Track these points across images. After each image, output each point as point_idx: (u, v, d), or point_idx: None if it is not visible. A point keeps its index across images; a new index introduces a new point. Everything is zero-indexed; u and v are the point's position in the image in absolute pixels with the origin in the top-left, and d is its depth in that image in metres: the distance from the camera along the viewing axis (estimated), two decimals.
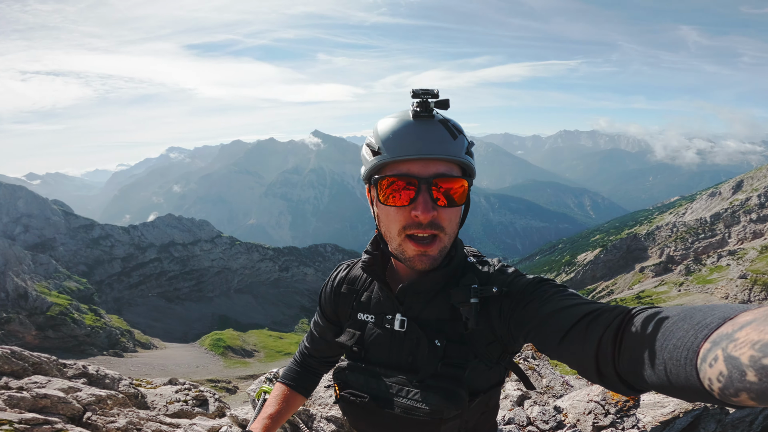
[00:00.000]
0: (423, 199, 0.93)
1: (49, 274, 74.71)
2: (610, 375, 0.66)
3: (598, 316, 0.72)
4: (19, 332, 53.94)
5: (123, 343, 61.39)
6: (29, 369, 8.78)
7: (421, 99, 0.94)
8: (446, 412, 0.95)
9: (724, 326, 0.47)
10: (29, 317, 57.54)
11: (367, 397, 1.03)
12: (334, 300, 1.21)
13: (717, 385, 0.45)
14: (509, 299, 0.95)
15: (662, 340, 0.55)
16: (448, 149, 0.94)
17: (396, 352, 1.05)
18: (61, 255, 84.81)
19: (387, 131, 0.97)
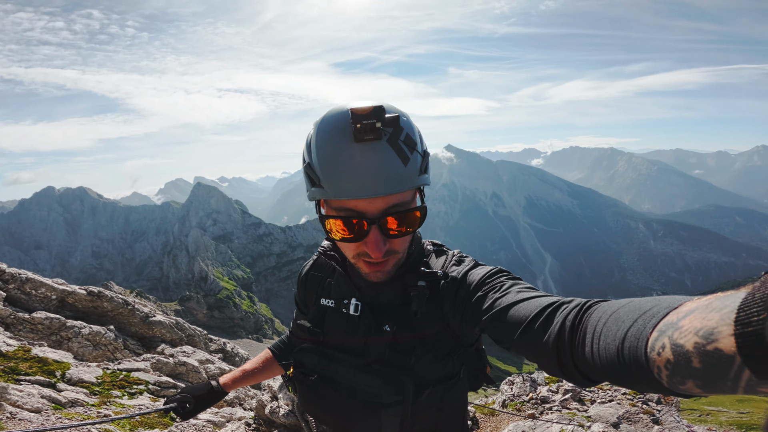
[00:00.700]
0: (373, 237, 0.89)
1: (225, 262, 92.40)
2: (570, 367, 0.65)
3: (556, 309, 0.71)
4: (194, 309, 67.48)
5: (265, 330, 71.17)
6: (184, 339, 10.69)
7: (361, 124, 0.80)
8: (385, 397, 0.94)
9: (670, 315, 0.47)
10: (204, 297, 71.65)
11: (315, 376, 1.05)
12: (303, 287, 1.25)
13: (665, 374, 0.45)
14: (464, 288, 0.94)
15: (615, 331, 0.55)
16: (398, 182, 0.85)
17: (350, 336, 1.06)
18: (235, 247, 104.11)
19: (325, 160, 0.85)
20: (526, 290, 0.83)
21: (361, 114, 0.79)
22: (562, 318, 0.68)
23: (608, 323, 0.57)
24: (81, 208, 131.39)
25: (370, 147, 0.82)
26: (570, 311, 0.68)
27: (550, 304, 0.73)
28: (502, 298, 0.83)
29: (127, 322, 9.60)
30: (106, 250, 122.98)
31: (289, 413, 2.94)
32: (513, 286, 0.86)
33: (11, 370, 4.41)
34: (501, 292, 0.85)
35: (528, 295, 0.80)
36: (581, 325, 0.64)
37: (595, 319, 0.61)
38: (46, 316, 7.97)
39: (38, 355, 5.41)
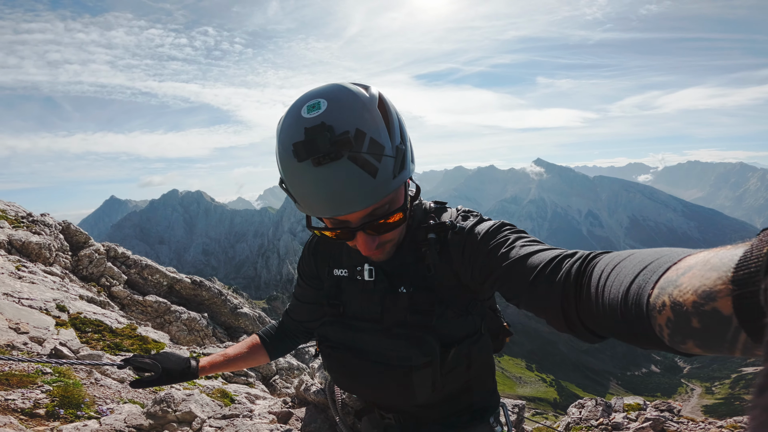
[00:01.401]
0: (362, 239, 0.90)
1: None
2: (575, 320, 0.64)
3: (560, 262, 0.70)
4: (279, 309, 72.60)
5: None
6: None
7: (308, 148, 0.76)
8: (414, 359, 0.95)
9: (670, 271, 0.46)
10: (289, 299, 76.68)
11: (341, 346, 1.05)
12: (313, 259, 1.23)
13: (666, 332, 0.45)
14: (471, 243, 0.94)
15: (618, 286, 0.54)
16: (372, 196, 0.81)
17: (367, 303, 1.05)
18: None
19: (292, 182, 0.83)
20: (531, 243, 0.82)
21: (304, 142, 0.75)
22: (566, 270, 0.67)
23: (611, 277, 0.56)
24: (197, 210, 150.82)
25: (331, 169, 0.76)
26: (573, 263, 0.67)
27: (554, 257, 0.72)
28: (509, 252, 0.82)
29: (219, 312, 10.50)
30: (214, 248, 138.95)
31: (319, 391, 2.94)
32: (518, 239, 0.85)
33: (115, 346, 4.98)
34: (506, 246, 0.84)
35: (533, 248, 0.79)
36: (584, 277, 0.63)
37: (598, 271, 0.60)
38: (156, 299, 9.05)
39: (141, 334, 6.08)
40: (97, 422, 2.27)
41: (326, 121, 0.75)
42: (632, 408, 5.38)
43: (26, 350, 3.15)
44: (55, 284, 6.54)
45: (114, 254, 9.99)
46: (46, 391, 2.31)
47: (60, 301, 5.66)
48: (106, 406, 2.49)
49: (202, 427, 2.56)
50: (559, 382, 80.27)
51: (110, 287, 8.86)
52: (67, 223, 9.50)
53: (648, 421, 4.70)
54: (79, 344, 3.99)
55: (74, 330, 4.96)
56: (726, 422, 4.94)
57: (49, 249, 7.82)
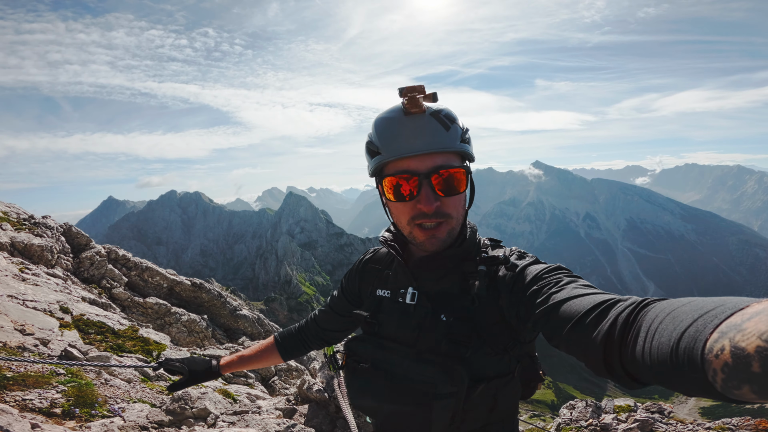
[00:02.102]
0: (425, 192, 0.97)
1: (308, 268, 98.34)
2: (616, 365, 0.63)
3: (610, 306, 0.69)
4: (277, 310, 72.66)
5: None
6: (262, 334, 11.31)
7: (408, 96, 0.96)
8: (440, 386, 0.94)
9: (734, 316, 0.45)
10: (287, 300, 76.96)
11: (369, 364, 1.05)
12: (359, 278, 1.27)
13: (720, 377, 0.43)
14: (522, 280, 0.94)
15: (671, 330, 0.53)
16: (441, 142, 0.97)
17: (405, 326, 1.06)
18: (318, 254, 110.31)
19: (382, 131, 1.01)
20: (583, 287, 0.81)
21: (408, 87, 0.96)
22: (615, 314, 0.66)
23: (665, 321, 0.55)
24: (195, 211, 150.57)
25: (417, 117, 0.98)
26: (625, 308, 0.65)
27: (605, 300, 0.71)
28: (557, 293, 0.82)
29: (219, 314, 10.58)
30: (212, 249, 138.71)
31: (321, 390, 3.12)
32: (570, 282, 0.84)
33: (118, 347, 5.08)
34: (557, 287, 0.84)
35: (584, 291, 0.78)
36: (635, 322, 0.61)
37: (651, 316, 0.59)
38: (156, 301, 9.13)
39: (143, 336, 6.17)
40: (121, 419, 2.39)
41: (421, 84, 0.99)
42: (623, 409, 5.50)
43: (37, 352, 3.25)
44: (58, 286, 6.63)
45: (115, 256, 10.07)
46: (61, 392, 2.41)
47: (63, 303, 5.75)
48: (118, 405, 2.60)
49: (216, 422, 2.70)
50: (557, 384, 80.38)
51: (111, 289, 8.95)
52: (69, 226, 9.58)
53: (636, 422, 4.83)
54: (84, 345, 4.09)
55: (78, 332, 5.06)
56: (714, 424, 5.06)
57: (51, 251, 7.90)
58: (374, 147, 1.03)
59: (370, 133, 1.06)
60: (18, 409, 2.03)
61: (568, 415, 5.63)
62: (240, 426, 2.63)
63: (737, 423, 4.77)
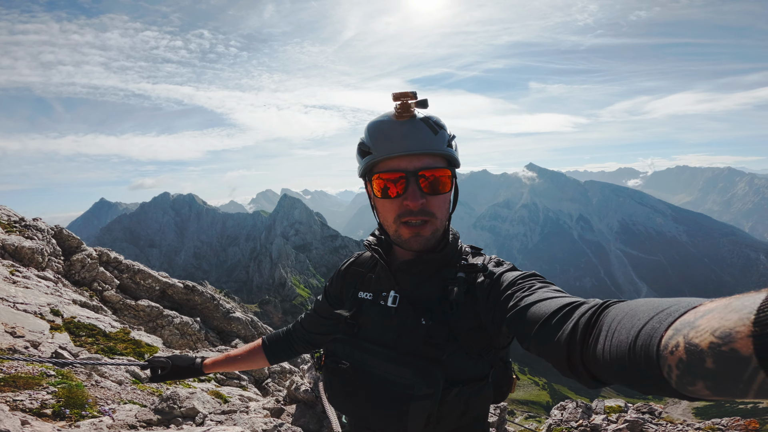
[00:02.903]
0: (412, 189, 1.04)
1: (302, 271, 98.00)
2: (578, 365, 0.65)
3: (574, 308, 0.72)
4: (271, 312, 72.30)
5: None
6: (255, 336, 11.23)
7: (401, 101, 1.03)
8: (417, 387, 0.97)
9: (687, 314, 0.47)
10: (281, 302, 76.61)
11: (347, 364, 1.08)
12: (342, 281, 1.31)
13: (675, 373, 0.44)
14: (498, 286, 0.99)
15: (629, 328, 0.55)
16: (429, 144, 1.04)
17: (385, 328, 1.09)
18: (313, 257, 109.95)
19: (374, 133, 1.09)
20: (553, 292, 0.85)
21: (400, 93, 1.04)
22: (578, 316, 0.69)
23: (623, 320, 0.57)
24: (189, 213, 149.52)
25: (408, 121, 1.05)
26: (587, 310, 0.68)
27: (570, 303, 0.74)
28: (528, 297, 0.86)
29: (212, 316, 10.54)
30: (205, 252, 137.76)
31: (308, 390, 3.18)
32: (542, 287, 0.88)
33: (109, 350, 5.06)
34: (528, 291, 0.88)
35: (552, 295, 0.82)
36: (597, 322, 0.64)
37: (611, 316, 0.61)
38: (148, 304, 9.08)
39: (134, 338, 6.14)
40: (110, 419, 2.39)
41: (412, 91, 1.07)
42: (613, 410, 5.56)
43: (27, 354, 3.24)
44: (49, 289, 6.58)
45: (106, 259, 10.00)
46: (51, 392, 2.41)
47: (54, 306, 5.71)
48: (108, 406, 2.60)
49: (204, 421, 2.72)
50: (552, 385, 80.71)
51: (102, 292, 8.88)
52: (60, 228, 9.51)
53: (626, 423, 4.89)
54: (75, 348, 4.07)
55: (69, 334, 5.02)
56: (704, 424, 5.13)
57: (41, 254, 7.84)
58: (366, 147, 1.10)
59: (363, 136, 1.14)
60: (9, 409, 2.03)
61: (558, 416, 5.69)
62: (227, 425, 2.65)
63: (727, 423, 4.86)
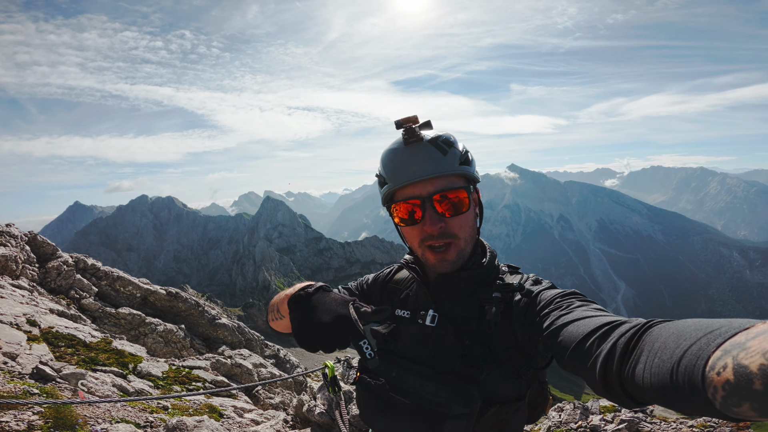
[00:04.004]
0: (429, 215, 1.04)
1: (287, 273, 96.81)
2: (616, 386, 0.64)
3: (613, 327, 0.70)
4: (256, 316, 71.16)
5: None
6: (243, 343, 11.09)
7: (405, 128, 1.06)
8: (454, 407, 0.96)
9: (739, 335, 0.45)
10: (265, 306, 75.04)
11: (383, 381, 1.08)
12: (381, 291, 1.31)
13: (720, 394, 0.43)
14: (535, 305, 0.97)
15: (673, 348, 0.53)
16: (440, 166, 1.04)
17: (422, 347, 1.09)
18: (297, 259, 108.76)
19: (387, 163, 1.11)
20: (592, 311, 0.83)
21: (403, 120, 1.07)
22: (618, 335, 0.67)
23: (668, 341, 0.55)
24: (168, 216, 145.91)
25: (416, 146, 1.06)
26: (627, 330, 0.67)
27: (609, 322, 0.73)
28: (566, 315, 0.85)
29: (197, 323, 10.25)
30: (186, 255, 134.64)
31: (324, 413, 3.02)
32: (581, 306, 0.87)
33: (91, 360, 4.83)
34: (567, 310, 0.87)
35: (591, 314, 0.80)
36: (639, 343, 0.62)
37: (654, 337, 0.60)
38: (129, 311, 8.76)
39: (117, 348, 5.90)
40: None
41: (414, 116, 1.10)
42: (608, 410, 5.64)
43: (6, 369, 3.05)
44: (24, 298, 6.27)
45: (83, 266, 9.62)
46: (37, 413, 2.26)
47: (30, 316, 5.44)
48: (100, 426, 2.46)
49: None
50: None
51: (80, 299, 8.53)
52: (34, 234, 9.10)
53: (623, 423, 4.96)
54: (57, 362, 3.87)
55: (47, 345, 4.78)
56: (696, 422, 5.24)
57: (15, 261, 7.48)
58: (382, 178, 1.12)
59: (378, 167, 1.15)
60: None
61: (557, 417, 5.72)
62: None
63: (718, 421, 4.97)
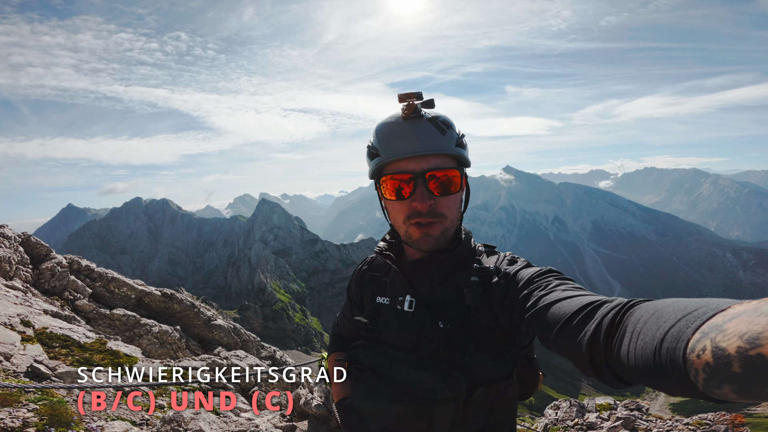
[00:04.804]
0: (420, 191, 1.03)
1: (282, 276, 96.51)
2: (602, 365, 0.65)
3: (597, 307, 0.71)
4: (251, 318, 70.84)
5: (314, 342, 72.88)
6: (239, 344, 11.02)
7: (407, 102, 1.04)
8: (439, 392, 0.97)
9: (716, 317, 0.46)
10: (261, 308, 75.16)
11: (369, 371, 1.09)
12: (359, 285, 1.32)
13: (702, 377, 0.44)
14: (514, 285, 0.97)
15: (654, 330, 0.54)
16: (437, 145, 1.04)
17: (404, 333, 1.08)
18: (292, 261, 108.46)
19: (382, 135, 1.09)
20: (572, 289, 0.84)
21: (406, 94, 1.05)
22: (602, 315, 0.68)
23: (649, 322, 0.57)
24: (162, 218, 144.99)
25: (415, 122, 1.05)
26: (611, 309, 0.67)
27: (592, 302, 0.73)
28: (547, 295, 0.85)
29: (192, 324, 10.18)
30: (180, 258, 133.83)
31: (321, 405, 3.06)
32: (560, 285, 0.87)
33: (86, 361, 4.79)
34: (547, 289, 0.87)
35: (573, 293, 0.81)
36: (622, 323, 0.63)
37: (636, 317, 0.60)
38: (124, 312, 8.69)
39: (112, 349, 5.85)
40: None
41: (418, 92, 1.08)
42: (604, 408, 5.67)
43: (1, 368, 3.01)
44: (18, 299, 6.20)
45: (77, 267, 9.54)
46: (32, 410, 2.24)
47: (24, 316, 5.38)
48: (96, 424, 2.44)
49: None
50: None
51: (74, 301, 8.45)
52: (27, 235, 9.01)
53: (619, 420, 4.99)
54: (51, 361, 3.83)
55: (41, 345, 4.74)
56: (692, 419, 5.27)
57: (9, 262, 7.40)
58: (374, 150, 1.10)
59: (371, 138, 1.13)
60: None
61: (553, 415, 5.74)
62: None
63: (714, 418, 5.00)
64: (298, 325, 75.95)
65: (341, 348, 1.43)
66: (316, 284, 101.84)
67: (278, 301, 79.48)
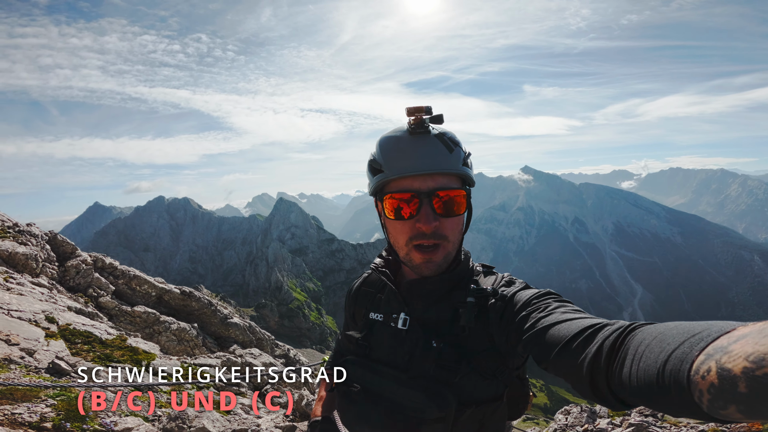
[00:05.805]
0: (425, 211, 0.99)
1: (299, 274, 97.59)
2: (603, 389, 0.64)
3: (597, 330, 0.70)
4: (267, 317, 71.84)
5: (329, 341, 73.29)
6: (254, 342, 11.22)
7: (415, 116, 1.00)
8: (428, 412, 0.94)
9: (720, 339, 0.46)
10: (278, 306, 76.19)
11: (359, 387, 1.06)
12: (354, 301, 1.29)
13: (706, 398, 0.44)
14: (512, 307, 0.95)
15: (658, 352, 0.54)
16: (445, 163, 0.99)
17: (396, 350, 1.07)
18: (309, 260, 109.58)
19: (386, 150, 1.04)
20: (571, 312, 0.82)
21: (415, 108, 1.00)
22: (603, 338, 0.67)
23: (652, 344, 0.56)
24: (184, 217, 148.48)
25: (422, 138, 1.01)
26: (612, 332, 0.67)
27: (592, 325, 0.72)
28: (546, 317, 0.83)
29: (209, 322, 10.42)
30: (201, 256, 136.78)
31: None
32: (559, 307, 0.86)
33: (106, 357, 4.97)
34: (545, 312, 0.85)
35: (572, 316, 0.79)
36: (623, 345, 0.63)
37: (638, 340, 0.60)
38: (145, 310, 8.96)
39: (131, 345, 6.04)
40: None
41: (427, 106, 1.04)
42: (617, 414, 5.53)
43: (23, 364, 3.16)
44: (43, 295, 6.47)
45: (101, 265, 9.87)
46: (50, 405, 2.35)
47: (49, 313, 5.61)
48: (110, 419, 2.54)
49: None
50: (549, 387, 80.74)
51: (98, 298, 8.76)
52: (54, 233, 9.38)
53: (631, 427, 4.86)
54: (72, 357, 3.99)
55: (64, 341, 4.93)
56: (708, 426, 5.11)
57: (35, 260, 7.72)
58: (377, 165, 1.05)
59: (373, 151, 1.08)
60: (7, 423, 1.96)
61: (563, 420, 5.65)
62: None
63: (730, 426, 4.83)
64: (314, 323, 76.71)
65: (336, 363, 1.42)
66: (331, 283, 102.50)
67: (294, 299, 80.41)
